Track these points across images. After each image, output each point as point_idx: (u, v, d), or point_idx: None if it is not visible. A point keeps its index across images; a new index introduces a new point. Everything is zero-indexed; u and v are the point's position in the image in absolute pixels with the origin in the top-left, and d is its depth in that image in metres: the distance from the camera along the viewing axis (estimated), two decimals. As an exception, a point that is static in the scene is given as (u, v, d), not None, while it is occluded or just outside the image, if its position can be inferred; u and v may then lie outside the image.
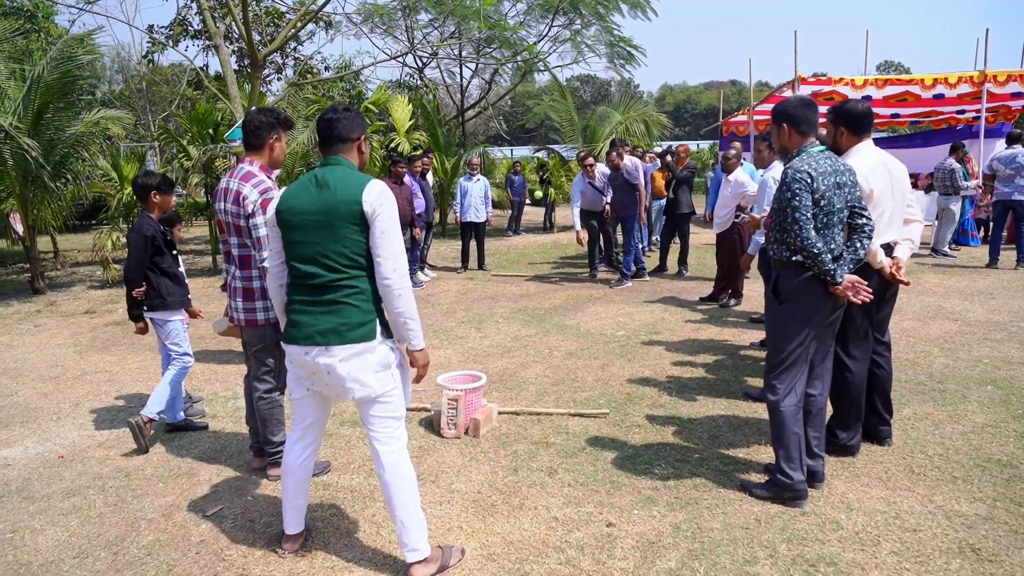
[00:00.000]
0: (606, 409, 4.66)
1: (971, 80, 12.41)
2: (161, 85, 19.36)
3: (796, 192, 3.16)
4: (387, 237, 2.67)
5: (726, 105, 19.21)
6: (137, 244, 4.36)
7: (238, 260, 3.69)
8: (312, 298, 2.74)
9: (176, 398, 4.50)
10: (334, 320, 2.70)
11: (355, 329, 2.70)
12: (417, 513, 2.84)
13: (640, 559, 2.95)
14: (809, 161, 3.21)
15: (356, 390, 2.74)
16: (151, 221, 4.44)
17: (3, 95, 9.72)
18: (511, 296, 8.79)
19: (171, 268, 4.48)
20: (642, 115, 17.90)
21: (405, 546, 2.84)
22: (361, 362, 2.72)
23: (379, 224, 2.67)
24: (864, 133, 3.74)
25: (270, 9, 17.65)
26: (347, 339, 2.70)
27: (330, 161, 2.80)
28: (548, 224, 17.28)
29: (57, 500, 3.69)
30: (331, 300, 2.71)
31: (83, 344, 7.09)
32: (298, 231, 2.73)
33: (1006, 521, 3.14)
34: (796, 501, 3.31)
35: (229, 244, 3.73)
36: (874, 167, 3.63)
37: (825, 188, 3.17)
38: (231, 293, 3.76)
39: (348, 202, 2.65)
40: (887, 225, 3.70)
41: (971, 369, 5.23)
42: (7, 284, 10.97)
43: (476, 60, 19.58)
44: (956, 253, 10.81)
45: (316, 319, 2.72)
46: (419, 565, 2.84)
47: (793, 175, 3.19)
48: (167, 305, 4.43)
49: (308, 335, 2.73)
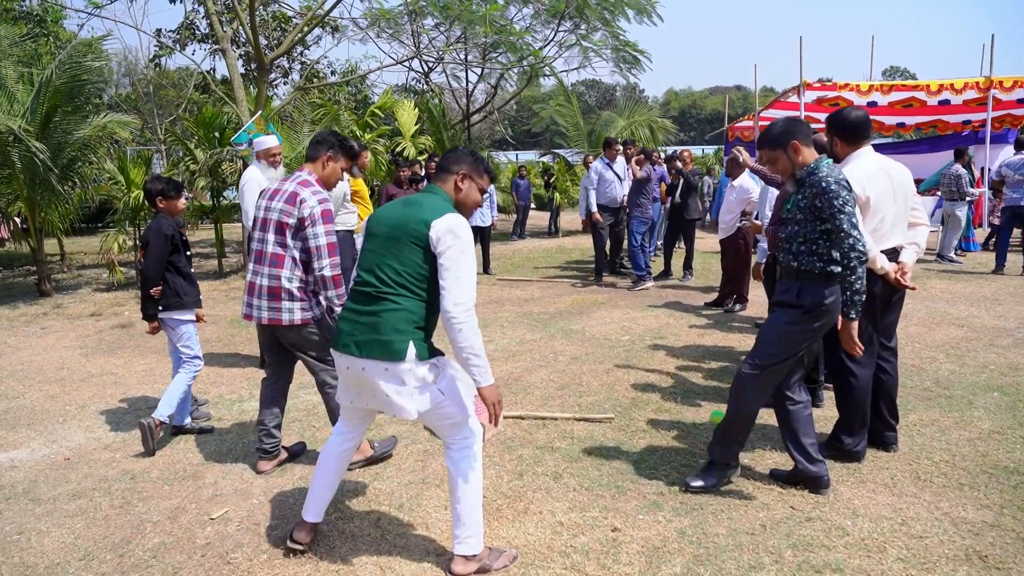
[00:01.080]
0: (611, 414, 4.65)
1: (977, 86, 12.40)
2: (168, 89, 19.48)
3: (847, 199, 3.14)
4: (452, 271, 2.68)
5: (731, 110, 19.21)
6: (157, 242, 4.35)
7: (271, 257, 3.68)
8: (358, 307, 2.81)
9: (185, 401, 4.51)
10: (371, 334, 2.74)
11: (384, 345, 2.71)
12: (474, 510, 2.88)
13: (645, 564, 2.94)
14: (838, 170, 3.25)
15: (395, 411, 2.78)
16: (168, 220, 4.45)
17: (12, 99, 9.78)
18: (516, 300, 8.79)
19: (186, 268, 4.49)
20: (647, 120, 17.94)
21: (456, 537, 2.89)
22: (395, 383, 2.74)
23: (447, 257, 2.69)
24: (859, 141, 3.72)
25: (277, 14, 17.73)
26: (375, 354, 2.72)
27: (429, 188, 2.92)
28: (553, 228, 17.28)
29: (63, 502, 3.70)
30: (373, 311, 2.75)
31: (89, 347, 7.12)
32: (370, 239, 2.86)
33: (1013, 528, 3.13)
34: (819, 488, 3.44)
35: (263, 242, 3.71)
36: (871, 174, 3.62)
37: (867, 197, 3.29)
38: (253, 290, 3.74)
39: (417, 223, 2.72)
40: (890, 230, 3.70)
41: (977, 375, 5.21)
42: (14, 286, 11.02)
43: (482, 65, 19.63)
44: (962, 259, 10.77)
45: (356, 328, 2.78)
46: (461, 559, 2.87)
47: (838, 182, 3.15)
48: (183, 305, 4.43)
49: (347, 343, 2.79)
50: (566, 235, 16.67)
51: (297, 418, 4.77)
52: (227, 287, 10.45)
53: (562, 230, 17.24)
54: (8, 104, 9.63)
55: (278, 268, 3.67)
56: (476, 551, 2.87)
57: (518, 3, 17.12)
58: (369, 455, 4.00)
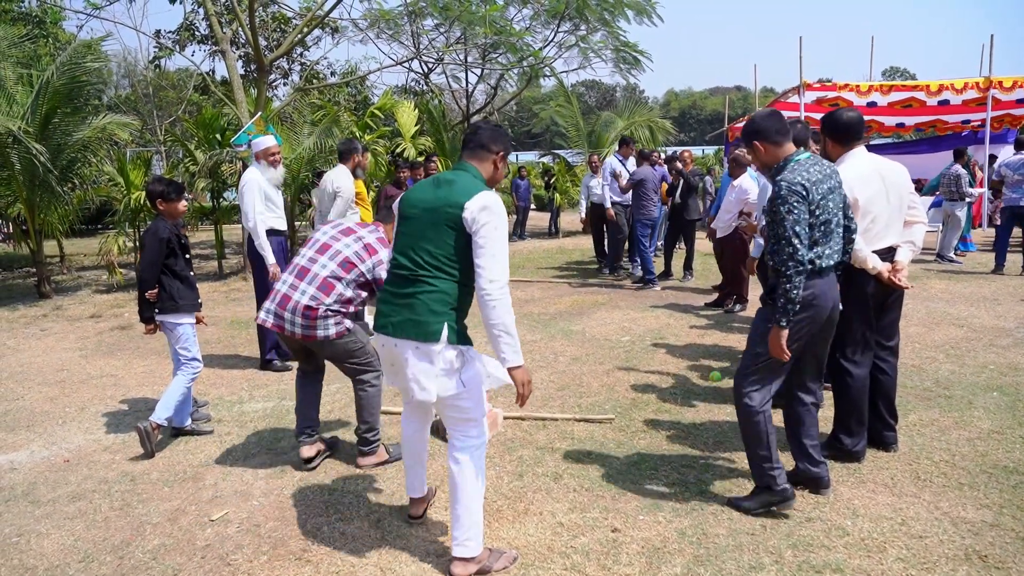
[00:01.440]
0: (611, 415, 4.65)
1: (977, 86, 12.41)
2: (168, 90, 19.50)
3: (793, 206, 3.05)
4: (488, 249, 2.70)
5: (731, 111, 19.23)
6: (152, 245, 4.34)
7: (321, 281, 3.73)
8: (395, 289, 2.85)
9: (184, 403, 4.49)
10: (406, 314, 2.78)
11: (420, 326, 2.75)
12: (475, 512, 2.87)
13: (646, 565, 2.94)
14: (800, 171, 3.11)
15: (416, 391, 2.80)
16: (166, 223, 4.43)
17: (12, 100, 9.78)
18: (516, 301, 8.77)
19: (183, 271, 4.47)
20: (647, 120, 17.93)
21: (455, 540, 2.88)
22: (425, 362, 2.78)
23: (481, 235, 2.70)
24: (851, 142, 3.71)
25: (277, 15, 17.73)
26: (410, 334, 2.76)
27: (460, 166, 2.90)
28: (554, 229, 17.28)
29: (63, 504, 3.70)
30: (409, 293, 2.79)
31: (89, 348, 7.12)
32: (404, 222, 2.87)
33: (1012, 528, 3.12)
34: (785, 504, 3.28)
35: (316, 263, 3.77)
36: (863, 175, 3.61)
37: (820, 197, 3.09)
38: (286, 304, 3.76)
39: (453, 205, 2.72)
40: (884, 230, 3.69)
41: (977, 375, 5.21)
42: (14, 288, 11.02)
43: (482, 65, 19.63)
44: (962, 259, 10.77)
45: (394, 310, 2.83)
46: (460, 562, 2.86)
47: (788, 188, 3.07)
48: (179, 308, 4.41)
49: (384, 324, 2.86)
50: (566, 236, 16.68)
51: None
52: (227, 288, 10.45)
53: (562, 231, 17.25)
54: (7, 105, 9.63)
55: (324, 295, 3.73)
56: (475, 553, 2.86)
57: (517, 4, 17.08)
58: (384, 459, 4.03)
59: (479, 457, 2.90)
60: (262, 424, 4.76)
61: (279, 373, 5.93)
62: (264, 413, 4.97)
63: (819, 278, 3.18)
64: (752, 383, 3.30)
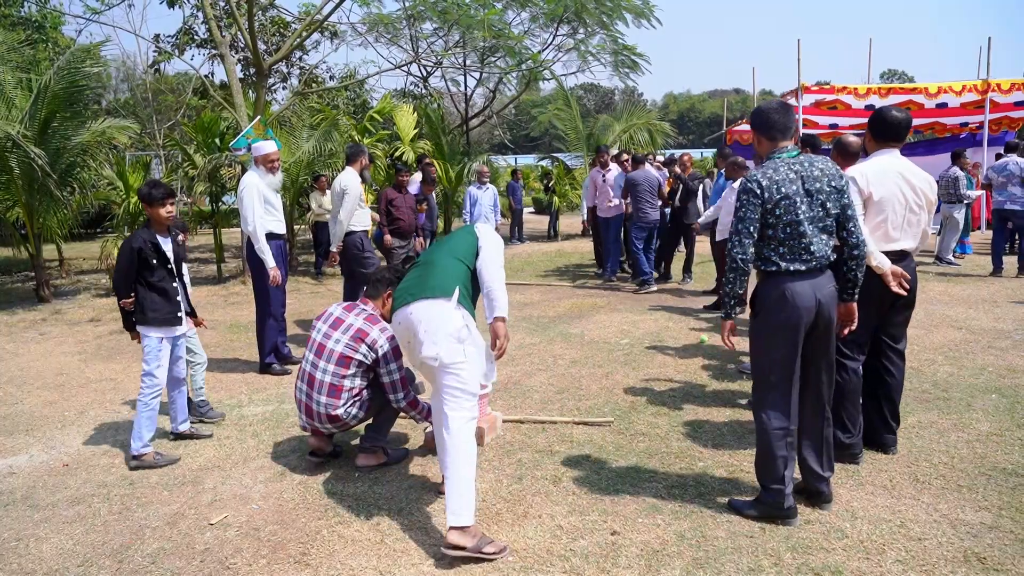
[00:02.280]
0: (610, 417, 4.65)
1: (975, 88, 12.43)
2: (167, 94, 19.52)
3: (743, 203, 3.11)
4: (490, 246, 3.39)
5: (730, 114, 19.24)
6: (122, 254, 4.24)
7: (328, 387, 3.84)
8: (418, 272, 3.37)
9: (147, 420, 4.18)
10: (423, 281, 3.27)
11: (438, 286, 3.19)
12: (469, 483, 3.03)
13: (645, 567, 2.94)
14: (767, 169, 3.12)
15: (426, 346, 3.10)
16: (144, 233, 4.24)
17: (11, 104, 9.78)
18: (516, 304, 8.78)
19: (161, 282, 4.27)
20: (646, 123, 17.96)
21: (450, 509, 3.00)
22: (438, 318, 3.12)
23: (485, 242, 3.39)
24: (888, 140, 3.73)
25: (276, 19, 17.74)
26: (428, 293, 3.19)
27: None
28: (552, 233, 17.29)
29: (62, 508, 3.70)
30: (425, 271, 3.32)
31: (88, 352, 7.11)
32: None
33: (1011, 530, 3.13)
34: (786, 521, 3.23)
35: (318, 369, 3.87)
36: (881, 172, 3.63)
37: (781, 196, 3.04)
38: (311, 413, 3.88)
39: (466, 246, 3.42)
40: (897, 232, 3.70)
41: (976, 377, 5.22)
42: (12, 292, 11.01)
43: (480, 69, 19.66)
44: (960, 261, 10.79)
45: (412, 283, 3.30)
46: (457, 531, 2.97)
47: (744, 184, 3.13)
48: (147, 321, 4.23)
49: (402, 296, 3.27)
50: (565, 239, 16.69)
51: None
52: (226, 292, 10.45)
53: (561, 234, 17.25)
54: (6, 110, 9.63)
55: (335, 399, 3.83)
56: (469, 523, 2.99)
57: (516, 7, 17.12)
58: (382, 461, 4.05)
59: (471, 429, 3.11)
60: (261, 428, 4.76)
61: (278, 377, 5.94)
62: (263, 417, 4.97)
63: (792, 279, 3.11)
64: (756, 396, 3.32)
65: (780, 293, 3.12)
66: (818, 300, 3.13)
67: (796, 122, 3.38)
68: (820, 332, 3.20)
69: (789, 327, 3.12)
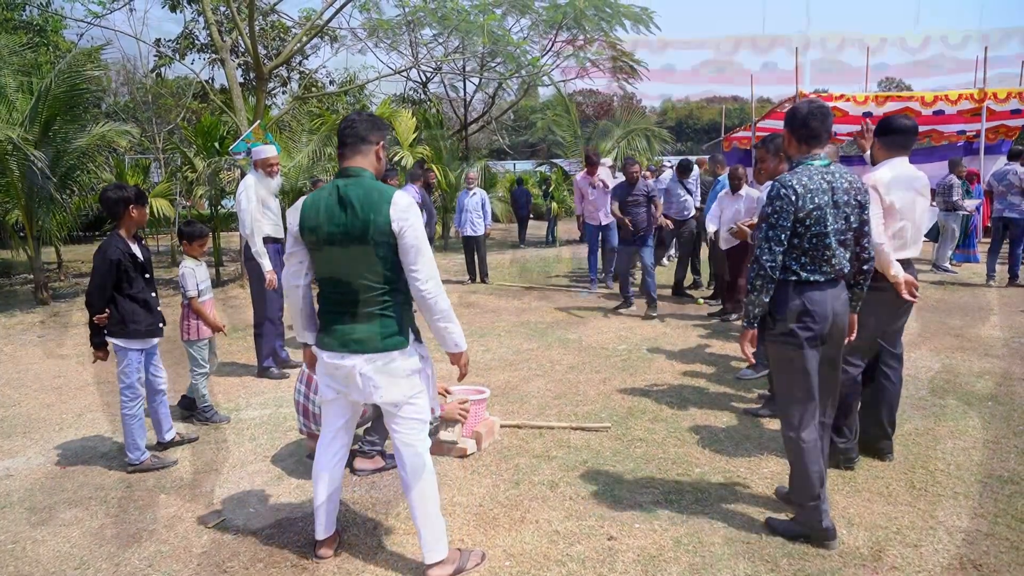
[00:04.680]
0: (608, 423, 4.66)
1: (971, 97, 12.47)
2: (167, 98, 19.50)
3: (777, 209, 3.00)
4: (416, 249, 2.73)
5: (728, 120, 19.26)
6: (100, 268, 4.01)
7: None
8: (346, 309, 2.82)
9: (139, 429, 4.17)
10: (370, 329, 2.79)
11: (389, 338, 2.80)
12: (436, 514, 2.92)
13: (641, 573, 2.95)
14: (801, 175, 3.03)
15: (384, 394, 2.82)
16: (119, 242, 4.07)
17: (11, 107, 9.80)
18: (514, 310, 8.80)
19: (142, 294, 4.13)
20: (644, 129, 17.99)
21: (425, 546, 2.91)
22: (392, 368, 2.81)
23: (407, 237, 2.71)
24: (895, 148, 3.73)
25: (276, 23, 17.79)
26: (380, 348, 2.79)
27: (349, 172, 2.80)
28: (551, 238, 17.31)
29: (59, 511, 3.70)
30: (367, 312, 2.80)
31: (86, 355, 7.07)
32: (327, 249, 2.78)
33: (1007, 537, 3.14)
34: (825, 545, 3.09)
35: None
36: (901, 179, 3.65)
37: (813, 206, 2.98)
38: (315, 387, 3.85)
39: (377, 222, 2.68)
40: (910, 240, 3.72)
41: (972, 384, 5.23)
42: (11, 295, 11.00)
43: (480, 75, 19.71)
44: (957, 269, 10.82)
45: (353, 328, 2.81)
46: (436, 567, 2.90)
47: (778, 190, 3.01)
48: (128, 333, 4.08)
49: (344, 343, 2.81)
50: (564, 244, 16.71)
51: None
52: (224, 295, 10.45)
53: (559, 239, 17.27)
54: (7, 113, 9.64)
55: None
56: (446, 554, 2.92)
57: (515, 14, 17.19)
58: (380, 466, 4.05)
59: (429, 459, 2.93)
60: (259, 431, 4.76)
61: (276, 380, 5.94)
62: (261, 420, 4.97)
63: (813, 289, 3.06)
64: (783, 416, 3.23)
65: (798, 303, 3.06)
66: (833, 311, 3.10)
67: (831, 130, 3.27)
68: (833, 342, 3.17)
69: (807, 339, 3.07)
